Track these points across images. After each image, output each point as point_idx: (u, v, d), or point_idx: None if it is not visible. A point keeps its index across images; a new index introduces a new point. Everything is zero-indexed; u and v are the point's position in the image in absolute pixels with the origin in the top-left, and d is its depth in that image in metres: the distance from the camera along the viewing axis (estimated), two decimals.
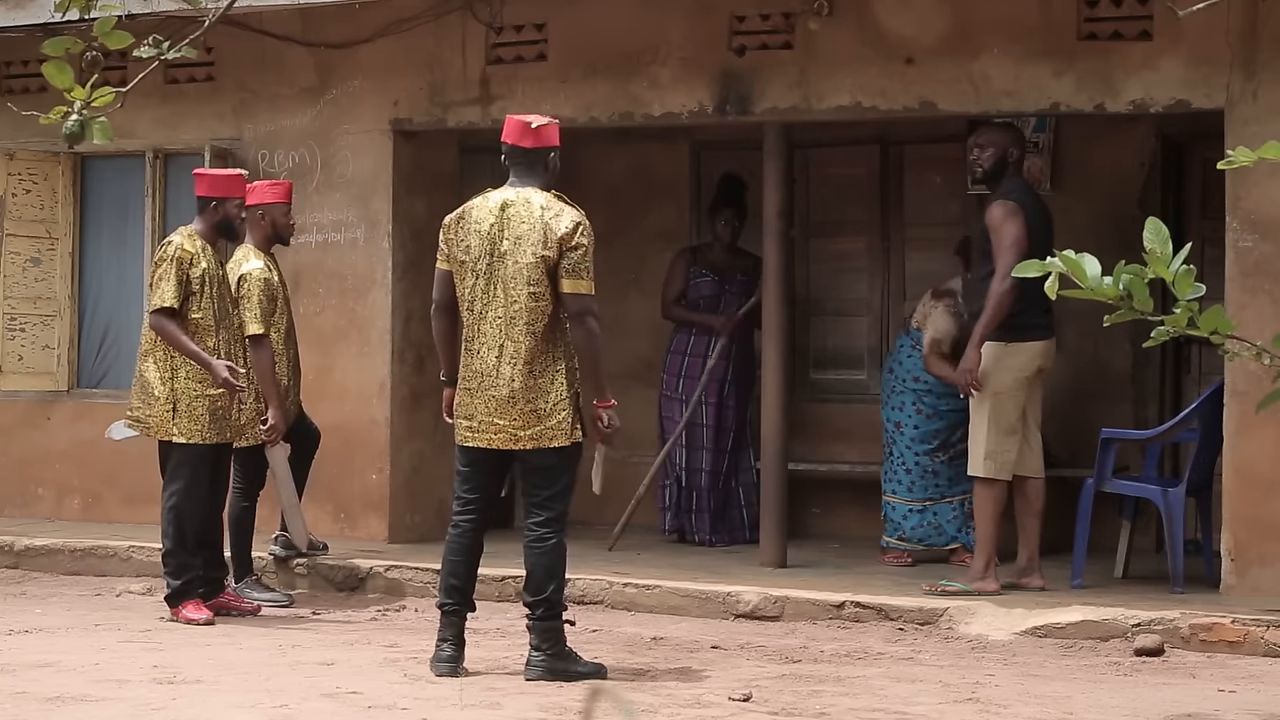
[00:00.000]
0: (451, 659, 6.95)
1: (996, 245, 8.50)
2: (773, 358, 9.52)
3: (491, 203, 6.94)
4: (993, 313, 8.47)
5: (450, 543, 7.10)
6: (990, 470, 8.53)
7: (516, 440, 6.90)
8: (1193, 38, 8.44)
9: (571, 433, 6.90)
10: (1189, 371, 10.44)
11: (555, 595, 6.93)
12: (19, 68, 11.24)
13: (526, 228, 6.86)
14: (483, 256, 6.90)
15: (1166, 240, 4.70)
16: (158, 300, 8.30)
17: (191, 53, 5.35)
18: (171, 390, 8.31)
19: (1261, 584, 8.39)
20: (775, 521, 9.47)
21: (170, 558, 8.37)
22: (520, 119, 7.03)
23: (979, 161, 8.76)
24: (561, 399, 6.88)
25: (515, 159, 7.01)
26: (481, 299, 6.91)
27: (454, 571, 7.05)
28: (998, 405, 8.50)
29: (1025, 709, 6.45)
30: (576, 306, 6.88)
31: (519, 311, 6.85)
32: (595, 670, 6.95)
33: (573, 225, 6.87)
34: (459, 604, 7.01)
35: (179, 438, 8.31)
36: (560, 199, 6.95)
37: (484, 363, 6.91)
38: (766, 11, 9.43)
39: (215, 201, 8.53)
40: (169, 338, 8.32)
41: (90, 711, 6.28)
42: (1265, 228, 8.44)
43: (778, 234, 9.47)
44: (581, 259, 6.86)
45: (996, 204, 8.58)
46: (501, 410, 6.88)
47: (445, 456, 10.62)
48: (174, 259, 8.32)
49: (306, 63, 10.53)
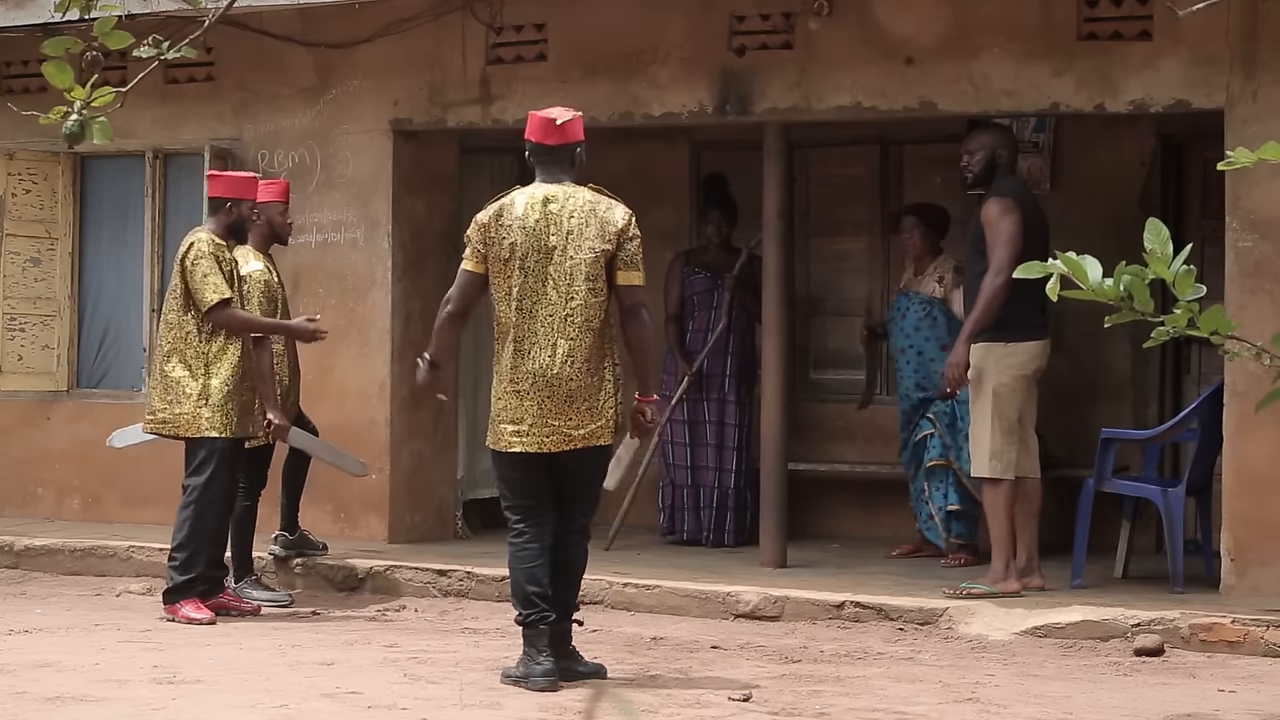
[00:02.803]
0: (552, 671, 6.66)
1: (991, 241, 8.49)
2: (773, 358, 9.52)
3: (532, 199, 6.79)
4: (984, 308, 8.44)
5: (519, 552, 6.80)
6: (997, 470, 8.52)
7: (569, 440, 6.74)
8: (1193, 38, 8.44)
9: (617, 430, 6.82)
10: (1189, 371, 10.44)
11: (572, 601, 6.91)
12: (19, 68, 11.24)
13: (577, 222, 6.74)
14: (531, 253, 6.73)
15: (1167, 240, 4.70)
16: (214, 295, 8.29)
17: (191, 53, 5.35)
18: (205, 386, 8.32)
19: (1261, 584, 8.39)
20: (775, 521, 9.47)
21: (180, 550, 8.34)
22: (544, 115, 6.92)
23: (969, 166, 8.76)
24: (610, 395, 6.78)
25: (542, 156, 6.90)
26: (531, 297, 6.73)
27: (532, 579, 6.76)
28: (999, 405, 8.50)
29: (1025, 709, 6.45)
30: (633, 299, 6.80)
31: (577, 308, 6.71)
32: (596, 670, 6.94)
33: (627, 217, 6.82)
34: (545, 611, 6.75)
35: (210, 431, 8.31)
36: (602, 192, 6.87)
37: (536, 363, 6.72)
38: (766, 11, 9.43)
39: (231, 203, 8.55)
40: (242, 324, 8.39)
41: (90, 711, 6.28)
42: (1265, 228, 8.44)
43: (778, 234, 9.47)
44: (636, 250, 6.81)
45: (992, 200, 8.57)
46: (559, 411, 6.71)
47: (445, 456, 10.66)
48: (210, 255, 8.35)
49: (306, 63, 10.53)
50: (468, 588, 9.15)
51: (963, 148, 8.85)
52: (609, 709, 6.03)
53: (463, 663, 7.28)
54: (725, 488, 10.49)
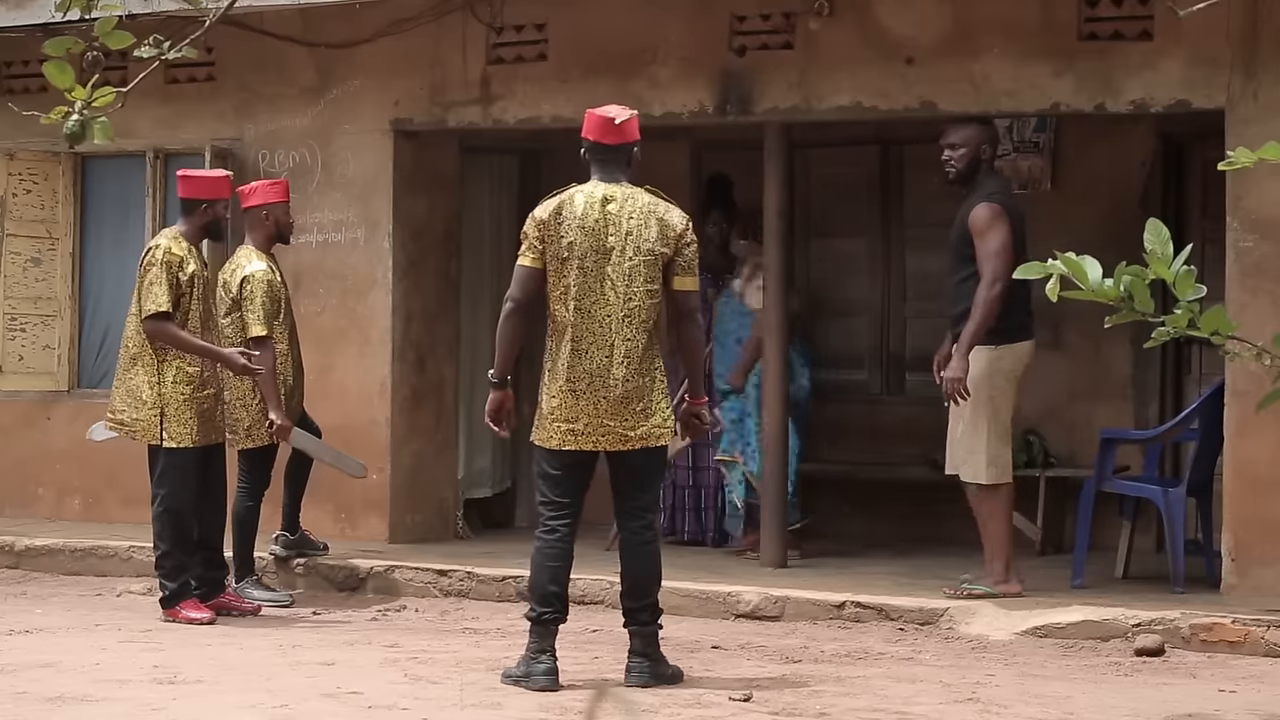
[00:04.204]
0: (553, 671, 6.68)
1: (983, 249, 8.40)
2: (773, 358, 9.52)
3: (592, 197, 6.77)
4: (981, 319, 8.35)
5: (547, 549, 6.77)
6: (994, 476, 8.47)
7: (626, 441, 6.73)
8: (1193, 38, 8.44)
9: (670, 431, 6.82)
10: (1189, 372, 10.44)
11: (657, 600, 6.86)
12: (19, 68, 11.25)
13: (636, 223, 6.75)
14: (589, 253, 6.71)
15: (1167, 241, 4.70)
16: (152, 305, 8.27)
17: (192, 53, 5.35)
18: (159, 395, 8.30)
19: (1262, 584, 8.39)
20: (775, 521, 9.47)
21: (165, 559, 8.37)
22: (603, 114, 6.90)
23: (952, 161, 8.65)
24: (662, 396, 6.79)
25: (600, 155, 6.87)
26: (589, 296, 6.70)
27: (555, 578, 6.74)
28: (994, 410, 8.45)
29: (1025, 709, 6.46)
30: (688, 304, 6.84)
31: (635, 309, 6.71)
32: (677, 674, 6.87)
33: (685, 221, 6.85)
34: (559, 612, 6.76)
35: (169, 442, 8.31)
36: (658, 194, 6.87)
37: (593, 362, 6.71)
38: (767, 11, 9.43)
39: (207, 204, 8.52)
40: (171, 339, 8.30)
41: (90, 711, 6.28)
42: (1265, 228, 8.44)
43: (778, 234, 9.47)
44: (693, 255, 6.85)
45: (982, 206, 8.47)
46: (614, 411, 6.70)
47: (445, 456, 10.66)
48: (163, 263, 8.31)
49: (307, 63, 10.54)
50: (468, 588, 9.15)
51: (944, 141, 8.70)
52: (610, 709, 6.03)
53: (463, 663, 7.27)
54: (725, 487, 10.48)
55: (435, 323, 10.58)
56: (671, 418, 6.82)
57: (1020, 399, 8.73)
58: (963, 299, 8.50)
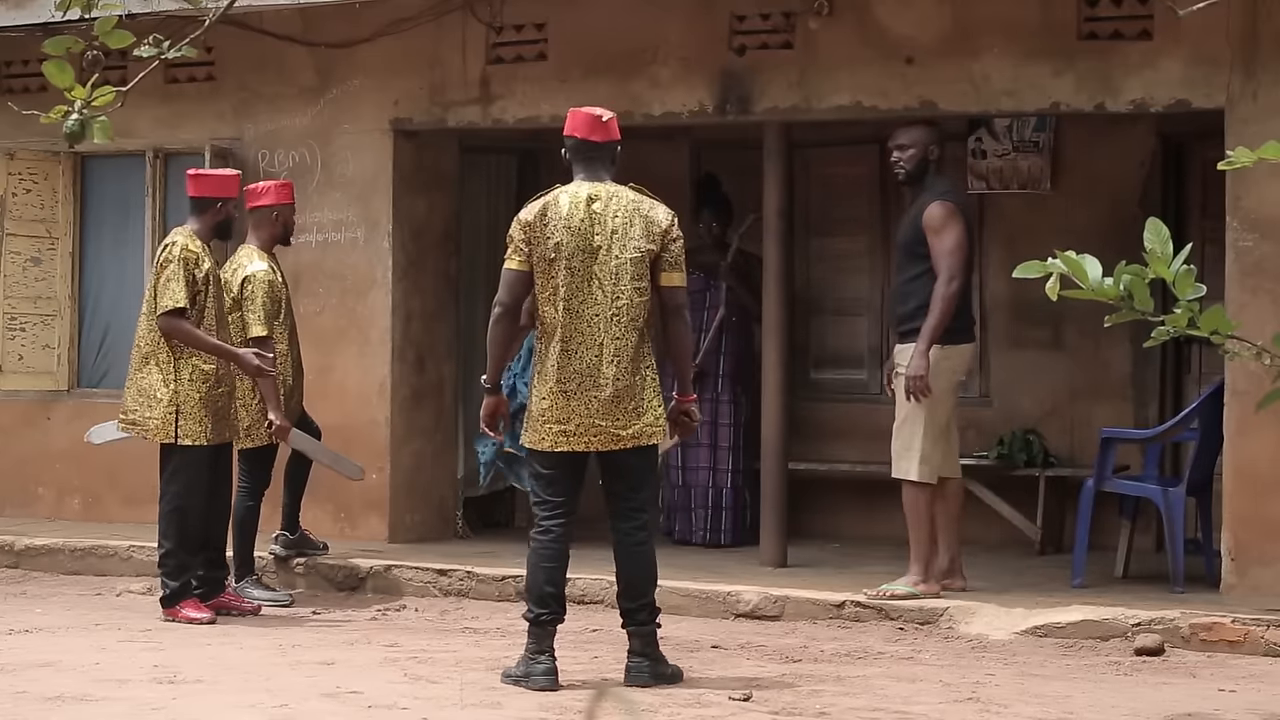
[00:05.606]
0: (552, 671, 6.69)
1: (938, 247, 8.41)
2: (773, 358, 9.52)
3: (576, 197, 6.76)
4: (940, 317, 8.35)
5: (542, 549, 6.78)
6: (924, 475, 8.48)
7: (618, 441, 6.73)
8: (1193, 37, 8.44)
9: (661, 429, 6.81)
10: (1189, 371, 10.44)
11: (654, 599, 6.85)
12: (19, 67, 11.24)
13: (621, 221, 6.74)
14: (576, 253, 6.71)
15: (1167, 240, 4.70)
16: (169, 301, 8.27)
17: (192, 52, 5.35)
18: (175, 393, 8.30)
19: (1262, 584, 8.39)
20: (775, 521, 9.47)
21: (169, 558, 8.37)
22: (589, 113, 6.89)
23: (901, 162, 8.67)
24: (654, 395, 6.78)
25: (584, 153, 6.86)
26: (578, 296, 6.70)
27: (551, 579, 6.75)
28: (933, 410, 8.44)
29: (1025, 709, 6.46)
30: (676, 300, 6.81)
31: (624, 307, 6.71)
32: (677, 673, 6.87)
33: (670, 217, 6.82)
34: (557, 612, 6.77)
35: (183, 440, 8.31)
36: (643, 191, 6.86)
37: (583, 362, 6.70)
38: (766, 11, 9.43)
39: (220, 202, 8.53)
40: (186, 337, 8.30)
41: (90, 711, 6.28)
42: (1265, 228, 8.44)
43: (778, 234, 9.47)
44: (679, 251, 6.82)
45: (937, 204, 8.49)
46: (605, 411, 6.70)
47: (445, 456, 10.66)
48: (180, 260, 8.31)
49: (306, 62, 10.53)
50: (468, 587, 9.15)
51: (892, 143, 8.73)
52: (610, 708, 6.03)
53: (463, 662, 7.28)
54: (720, 487, 10.48)
55: (435, 322, 10.58)
56: (663, 416, 6.82)
57: (1023, 399, 8.74)
58: (911, 298, 8.51)
